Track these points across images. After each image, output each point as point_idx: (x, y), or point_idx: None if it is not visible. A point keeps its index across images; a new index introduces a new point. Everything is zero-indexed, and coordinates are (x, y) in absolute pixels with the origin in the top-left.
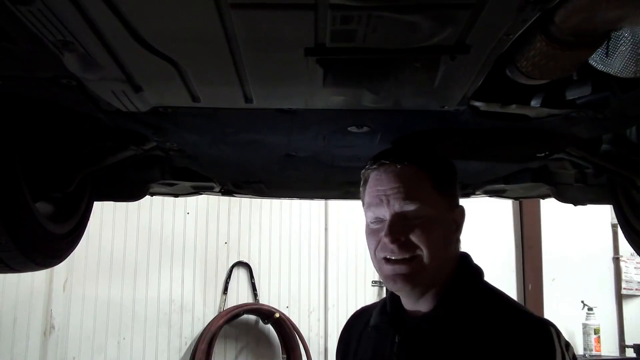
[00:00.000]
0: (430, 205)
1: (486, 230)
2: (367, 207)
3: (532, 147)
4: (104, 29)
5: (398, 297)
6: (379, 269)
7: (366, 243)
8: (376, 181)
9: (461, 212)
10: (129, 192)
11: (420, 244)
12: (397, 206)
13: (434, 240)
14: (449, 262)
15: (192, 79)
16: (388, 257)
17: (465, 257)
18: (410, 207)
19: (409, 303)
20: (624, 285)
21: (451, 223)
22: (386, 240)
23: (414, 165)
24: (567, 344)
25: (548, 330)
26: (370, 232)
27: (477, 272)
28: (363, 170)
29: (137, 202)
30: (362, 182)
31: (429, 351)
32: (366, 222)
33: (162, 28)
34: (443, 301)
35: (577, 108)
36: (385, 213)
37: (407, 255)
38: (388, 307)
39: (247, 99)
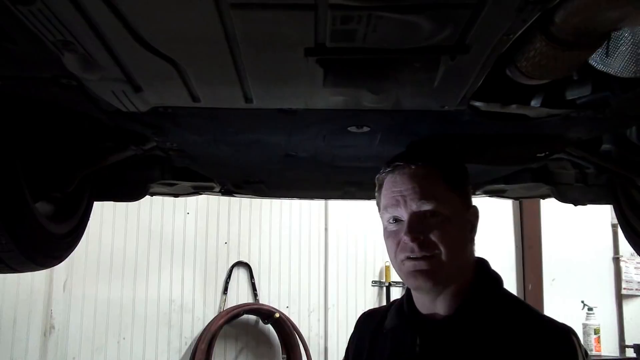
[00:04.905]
0: (446, 204)
1: (486, 230)
2: (384, 209)
3: (532, 147)
4: (104, 29)
5: (412, 300)
6: (399, 269)
7: (386, 247)
8: (392, 183)
9: (475, 212)
10: (129, 192)
11: (439, 243)
12: (414, 205)
13: (452, 238)
14: (467, 263)
15: (192, 79)
16: (409, 256)
17: (484, 262)
18: (427, 206)
19: (425, 304)
20: (624, 285)
21: (466, 223)
22: (406, 239)
23: (427, 166)
24: (586, 352)
25: (571, 338)
26: (389, 235)
27: (497, 278)
28: (378, 175)
29: (137, 202)
30: (377, 187)
31: (452, 355)
32: (384, 225)
33: (162, 28)
34: (465, 305)
35: (577, 108)
36: (403, 213)
37: (427, 253)
38: (406, 308)
39: (247, 99)
